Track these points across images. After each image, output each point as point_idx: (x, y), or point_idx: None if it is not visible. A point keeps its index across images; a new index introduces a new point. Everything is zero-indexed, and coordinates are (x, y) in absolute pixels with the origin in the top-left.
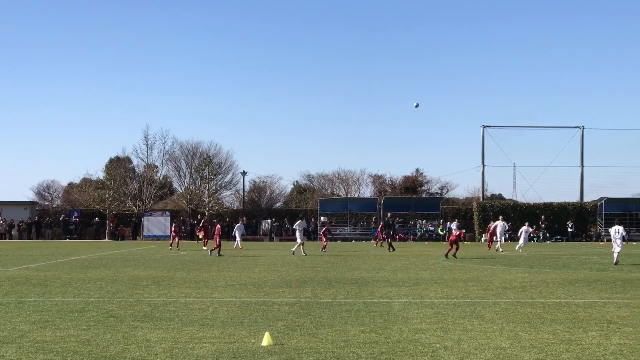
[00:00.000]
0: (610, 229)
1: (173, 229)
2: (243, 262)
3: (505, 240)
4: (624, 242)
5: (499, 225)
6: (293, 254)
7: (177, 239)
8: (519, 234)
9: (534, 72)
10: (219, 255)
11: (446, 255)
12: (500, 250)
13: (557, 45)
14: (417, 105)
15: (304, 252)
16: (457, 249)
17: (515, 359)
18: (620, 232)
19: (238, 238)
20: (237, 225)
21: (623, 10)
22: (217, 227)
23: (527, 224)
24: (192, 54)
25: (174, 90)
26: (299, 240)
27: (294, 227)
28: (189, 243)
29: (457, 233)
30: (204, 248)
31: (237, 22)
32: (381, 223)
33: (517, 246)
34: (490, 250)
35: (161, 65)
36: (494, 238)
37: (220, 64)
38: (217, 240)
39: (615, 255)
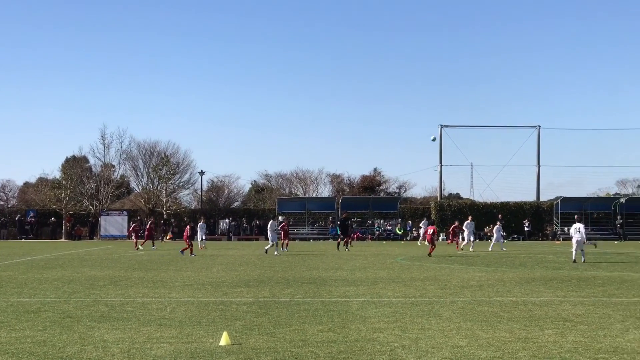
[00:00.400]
0: (570, 227)
1: (132, 229)
2: (201, 262)
3: (475, 239)
4: (584, 242)
5: (468, 225)
6: (266, 252)
7: (137, 238)
8: (494, 231)
9: (492, 72)
10: (192, 254)
11: (429, 254)
12: (471, 249)
13: (514, 45)
14: (434, 139)
15: (277, 252)
16: (432, 248)
17: (472, 358)
18: (580, 230)
19: (201, 237)
20: (200, 224)
21: (577, 12)
22: (186, 227)
23: (499, 223)
24: (149, 53)
25: (131, 89)
26: (271, 242)
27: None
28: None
29: (431, 231)
30: (140, 248)
31: (192, 19)
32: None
33: (501, 246)
34: (459, 250)
35: (118, 64)
36: (462, 237)
37: (177, 63)
38: (187, 240)
39: (574, 253)
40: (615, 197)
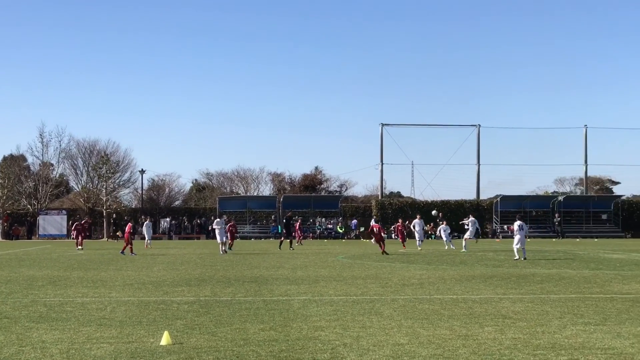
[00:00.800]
0: (513, 224)
1: (74, 228)
2: (142, 261)
3: (426, 237)
4: (527, 238)
5: (417, 223)
6: (225, 252)
7: (80, 238)
8: (466, 226)
9: (433, 71)
10: (132, 254)
11: (383, 252)
12: (419, 248)
13: (454, 44)
14: (437, 214)
15: (224, 250)
16: (383, 245)
17: (413, 355)
18: (523, 227)
19: (147, 237)
20: (146, 223)
21: (516, 10)
22: (128, 225)
23: (471, 216)
24: (88, 50)
25: (70, 86)
26: (218, 239)
27: (213, 226)
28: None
29: (377, 229)
30: (79, 248)
31: (128, 13)
32: (299, 220)
33: (469, 240)
34: (405, 248)
35: (56, 61)
36: (415, 235)
37: (118, 60)
38: (128, 238)
39: (515, 250)
40: (554, 196)
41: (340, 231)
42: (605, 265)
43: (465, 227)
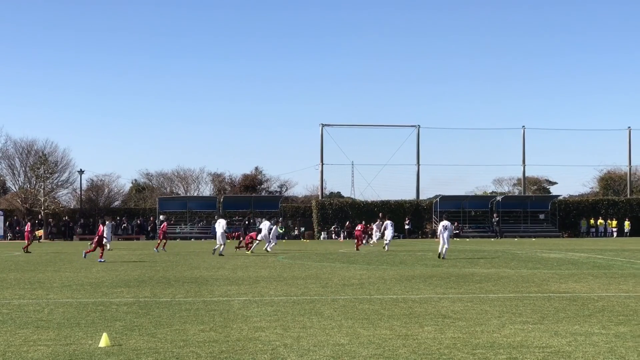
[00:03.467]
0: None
1: (28, 229)
2: (80, 262)
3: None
4: (450, 238)
5: (389, 224)
6: (213, 253)
7: (28, 239)
8: (382, 229)
9: (373, 71)
10: (26, 252)
11: (357, 248)
12: (371, 245)
13: (392, 45)
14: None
15: (221, 253)
16: (359, 243)
17: (353, 355)
18: (448, 227)
19: (109, 238)
20: (106, 224)
21: (454, 11)
22: (27, 224)
23: (387, 217)
24: (25, 47)
25: (6, 85)
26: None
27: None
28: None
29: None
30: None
31: (64, 11)
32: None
33: (384, 242)
34: (360, 249)
35: None
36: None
37: (55, 59)
38: (96, 242)
39: (440, 248)
40: (492, 196)
41: (281, 231)
42: (543, 265)
43: (382, 230)
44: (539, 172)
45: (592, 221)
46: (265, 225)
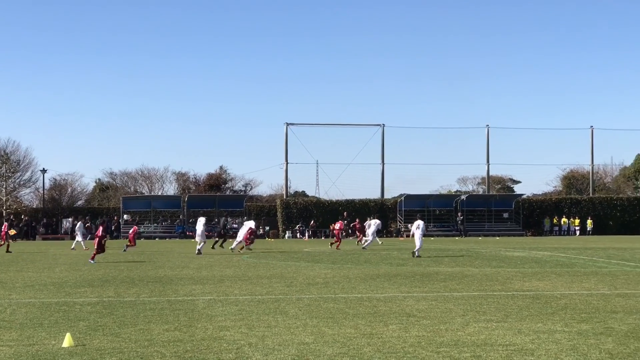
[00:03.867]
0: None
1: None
2: (43, 262)
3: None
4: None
5: (374, 223)
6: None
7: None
8: (367, 228)
9: (337, 70)
10: (7, 252)
11: (332, 246)
12: (362, 244)
13: (357, 45)
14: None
15: (199, 250)
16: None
17: (318, 354)
18: (421, 227)
19: (79, 238)
20: (78, 224)
21: (412, 10)
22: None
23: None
24: None
25: None
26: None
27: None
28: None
29: (338, 226)
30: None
31: (23, 9)
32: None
33: (365, 243)
34: (334, 247)
35: None
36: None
37: (16, 57)
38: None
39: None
40: (457, 195)
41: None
42: (507, 263)
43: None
44: (503, 171)
45: (555, 220)
46: (250, 223)
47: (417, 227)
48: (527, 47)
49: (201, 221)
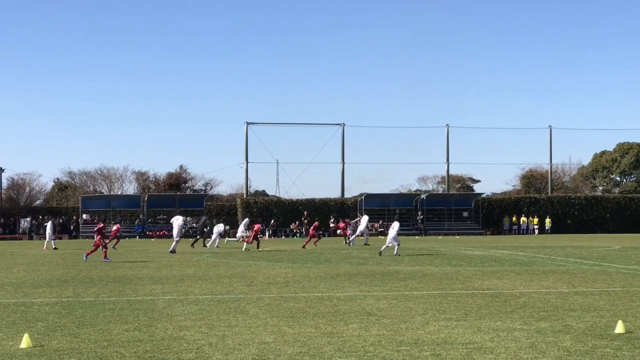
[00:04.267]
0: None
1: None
2: (0, 262)
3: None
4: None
5: (364, 220)
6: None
7: None
8: (360, 224)
9: (298, 70)
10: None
11: (303, 246)
12: (351, 245)
13: (318, 41)
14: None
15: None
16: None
17: (279, 353)
18: (395, 228)
19: (49, 238)
20: (49, 224)
21: (373, 10)
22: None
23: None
24: None
25: None
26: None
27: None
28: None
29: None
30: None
31: None
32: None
33: (355, 239)
34: (313, 246)
35: None
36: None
37: None
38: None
39: (390, 246)
40: (417, 194)
41: (206, 230)
42: (467, 262)
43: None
44: (463, 170)
45: (514, 219)
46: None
47: (391, 228)
48: (486, 46)
49: (178, 220)
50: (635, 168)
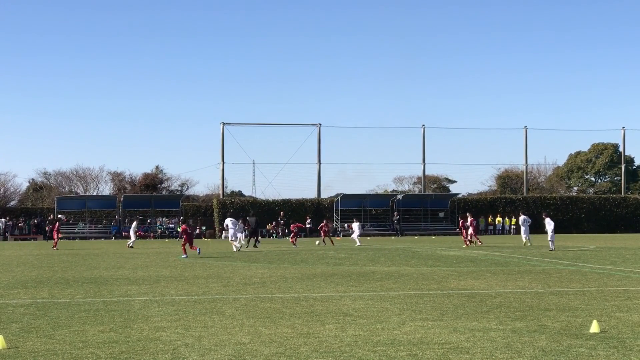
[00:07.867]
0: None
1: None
2: None
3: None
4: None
5: (355, 226)
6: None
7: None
8: (354, 227)
9: (275, 70)
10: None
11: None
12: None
13: (294, 42)
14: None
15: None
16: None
17: (255, 354)
18: (357, 228)
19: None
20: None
21: (348, 9)
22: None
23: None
24: None
25: None
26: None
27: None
28: None
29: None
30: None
31: None
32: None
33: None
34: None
35: None
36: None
37: None
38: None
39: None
40: (393, 194)
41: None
42: (443, 262)
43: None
44: (439, 170)
45: (490, 219)
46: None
47: (357, 228)
48: (461, 48)
49: (232, 221)
50: (609, 168)
